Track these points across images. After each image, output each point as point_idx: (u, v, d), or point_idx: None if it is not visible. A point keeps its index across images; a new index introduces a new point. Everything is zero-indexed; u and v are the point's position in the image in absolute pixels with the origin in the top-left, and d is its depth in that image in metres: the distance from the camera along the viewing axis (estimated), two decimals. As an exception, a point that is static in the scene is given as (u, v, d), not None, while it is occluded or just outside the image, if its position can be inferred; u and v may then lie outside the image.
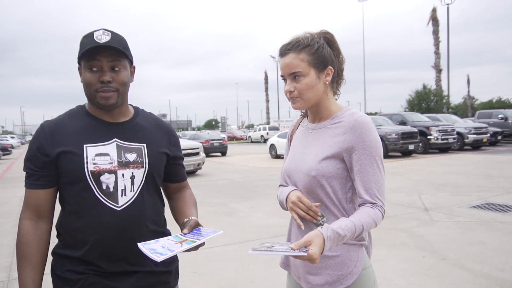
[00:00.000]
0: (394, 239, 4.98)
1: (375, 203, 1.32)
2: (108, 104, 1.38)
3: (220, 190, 9.45)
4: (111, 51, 1.35)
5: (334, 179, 1.37)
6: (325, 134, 1.43)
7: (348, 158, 1.36)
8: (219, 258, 4.45)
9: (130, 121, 1.48)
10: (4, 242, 5.43)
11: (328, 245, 1.20)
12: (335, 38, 1.45)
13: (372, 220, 1.29)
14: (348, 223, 1.26)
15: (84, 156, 1.35)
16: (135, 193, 1.39)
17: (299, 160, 1.47)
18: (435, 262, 4.13)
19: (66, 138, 1.37)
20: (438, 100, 28.83)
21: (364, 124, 1.35)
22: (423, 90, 29.48)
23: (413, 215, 6.20)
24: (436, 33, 31.61)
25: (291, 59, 1.37)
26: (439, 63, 31.43)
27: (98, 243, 1.35)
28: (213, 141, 21.38)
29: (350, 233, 1.25)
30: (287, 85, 1.41)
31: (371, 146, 1.33)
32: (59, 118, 1.44)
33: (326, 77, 1.41)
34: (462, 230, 5.23)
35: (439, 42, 31.52)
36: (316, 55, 1.38)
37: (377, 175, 1.34)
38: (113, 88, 1.37)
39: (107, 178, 1.36)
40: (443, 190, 8.17)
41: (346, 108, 1.46)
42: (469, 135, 17.12)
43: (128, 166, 1.39)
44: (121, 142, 1.41)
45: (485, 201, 6.90)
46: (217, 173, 13.27)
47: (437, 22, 31.58)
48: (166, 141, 1.55)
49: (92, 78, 1.35)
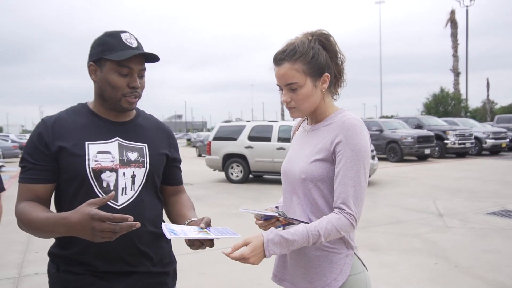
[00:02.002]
0: (406, 244, 4.89)
1: (343, 210, 1.28)
2: (131, 108, 1.41)
3: (232, 191, 9.44)
4: (141, 58, 1.38)
5: (323, 182, 1.34)
6: (317, 136, 1.41)
7: (335, 159, 1.33)
8: (227, 260, 4.38)
9: (132, 121, 1.49)
10: (17, 239, 5.51)
11: (274, 248, 1.21)
12: (332, 39, 1.40)
13: (333, 228, 1.25)
14: (300, 228, 1.25)
15: (85, 153, 1.34)
16: (135, 192, 1.39)
17: (294, 161, 1.45)
18: (447, 269, 4.03)
19: (67, 134, 1.36)
20: (456, 104, 28.31)
21: (352, 126, 1.31)
22: (441, 93, 29.01)
23: (426, 220, 6.08)
24: (455, 35, 31.04)
25: (286, 70, 1.34)
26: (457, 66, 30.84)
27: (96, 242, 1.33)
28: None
29: (301, 239, 1.23)
30: (284, 95, 1.39)
31: (355, 149, 1.29)
32: (61, 114, 1.43)
33: (323, 84, 1.38)
34: (477, 237, 5.10)
35: (457, 45, 30.93)
36: (312, 63, 1.34)
37: (355, 180, 1.28)
38: (138, 94, 1.40)
39: (108, 176, 1.35)
40: (458, 196, 8.00)
41: (341, 110, 1.42)
42: (487, 140, 16.76)
43: (129, 165, 1.39)
44: (122, 141, 1.41)
45: (502, 208, 6.73)
46: (229, 174, 13.25)
47: (455, 24, 31.02)
48: (166, 142, 1.55)
49: (121, 82, 1.35)
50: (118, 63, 1.33)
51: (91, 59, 1.39)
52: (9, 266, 4.40)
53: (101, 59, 1.35)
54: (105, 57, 1.34)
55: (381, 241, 5.06)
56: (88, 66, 1.40)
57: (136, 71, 1.37)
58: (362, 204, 1.30)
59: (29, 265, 4.41)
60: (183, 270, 4.14)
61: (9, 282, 3.97)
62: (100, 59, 1.36)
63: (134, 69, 1.36)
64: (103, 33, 1.40)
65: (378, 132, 15.95)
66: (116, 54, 1.33)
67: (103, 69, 1.36)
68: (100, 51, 1.35)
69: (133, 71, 1.36)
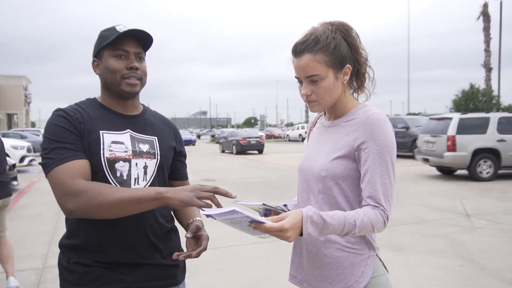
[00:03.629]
0: (430, 245, 4.74)
1: (377, 206, 1.22)
2: (133, 91, 1.40)
3: (253, 188, 9.43)
4: (136, 42, 1.40)
5: (345, 180, 1.28)
6: (338, 132, 1.35)
7: (358, 157, 1.27)
8: (246, 256, 4.42)
9: (141, 115, 1.51)
10: (43, 230, 5.67)
11: (311, 228, 1.11)
12: (352, 32, 1.33)
13: (369, 221, 1.19)
14: (337, 213, 1.18)
15: (101, 142, 1.35)
16: (147, 182, 1.40)
17: (312, 158, 1.40)
18: (474, 272, 3.88)
19: (83, 123, 1.36)
20: (487, 101, 27.32)
21: (377, 121, 1.24)
22: (470, 89, 28.07)
23: (453, 220, 5.88)
24: (487, 29, 29.91)
25: (307, 61, 1.27)
26: (490, 62, 29.74)
27: (109, 230, 1.34)
28: (250, 138, 21.44)
29: (337, 224, 1.15)
30: (304, 88, 1.32)
31: (382, 145, 1.23)
32: (72, 107, 1.42)
33: (344, 76, 1.32)
34: (506, 239, 4.89)
35: (490, 39, 29.80)
36: (334, 54, 1.27)
37: (385, 177, 1.23)
38: (138, 75, 1.40)
39: (122, 166, 1.36)
40: (488, 196, 7.72)
41: (362, 104, 1.36)
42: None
43: (141, 156, 1.40)
44: (134, 133, 1.43)
45: (535, 209, 6.44)
46: (251, 170, 13.27)
47: (488, 18, 29.89)
48: (173, 136, 1.59)
49: (118, 64, 1.37)
50: (113, 48, 1.37)
51: (93, 55, 1.44)
52: (35, 257, 4.53)
53: (100, 51, 1.40)
54: (101, 47, 1.38)
55: (404, 241, 4.93)
56: (92, 62, 1.45)
57: (132, 53, 1.39)
58: (392, 201, 1.25)
59: (53, 256, 4.52)
60: (202, 266, 4.18)
61: (33, 272, 4.08)
62: (99, 51, 1.41)
63: (129, 51, 1.38)
64: (100, 31, 1.46)
65: (404, 129, 15.57)
66: (110, 40, 1.36)
67: (102, 59, 1.40)
68: (98, 44, 1.41)
69: (129, 53, 1.38)
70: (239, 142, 21.15)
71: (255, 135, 22.41)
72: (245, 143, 21.10)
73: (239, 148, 21.12)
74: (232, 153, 21.68)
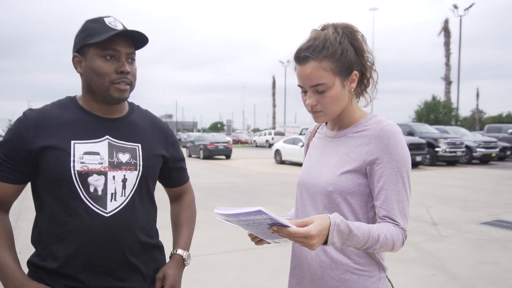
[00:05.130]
0: (402, 254, 4.77)
1: (398, 224, 1.13)
2: (122, 98, 1.25)
3: (221, 194, 9.28)
4: (128, 41, 1.23)
5: (354, 196, 1.18)
6: (346, 144, 1.24)
7: (370, 172, 1.17)
8: (219, 265, 4.28)
9: (125, 118, 1.33)
10: None
11: (336, 237, 1.00)
12: (358, 35, 1.23)
13: (391, 238, 1.09)
14: (362, 224, 1.07)
15: (71, 154, 1.19)
16: (126, 198, 1.24)
17: (315, 171, 1.28)
18: (446, 281, 3.92)
19: (51, 131, 1.20)
20: (447, 112, 28.53)
21: (392, 133, 1.15)
22: (433, 101, 29.22)
23: (421, 229, 5.98)
24: (448, 44, 31.39)
25: (313, 69, 1.16)
26: (449, 75, 31.18)
27: (81, 252, 1.19)
28: (218, 143, 21.23)
29: (362, 236, 1.04)
30: (309, 98, 1.21)
31: (398, 160, 1.14)
32: (45, 108, 1.27)
33: (351, 84, 1.22)
34: (473, 248, 5.01)
35: (450, 54, 31.29)
36: (341, 61, 1.17)
37: (401, 194, 1.14)
38: (129, 80, 1.24)
39: (96, 180, 1.20)
40: (451, 205, 7.95)
41: (371, 114, 1.26)
42: (478, 149, 16.84)
43: (120, 167, 1.24)
44: (113, 141, 1.26)
45: (496, 218, 6.68)
46: (219, 176, 13.10)
47: (449, 33, 31.38)
48: (163, 141, 1.41)
49: (107, 67, 1.20)
50: (102, 47, 1.19)
51: (75, 49, 1.25)
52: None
53: (84, 46, 1.22)
54: (87, 43, 1.20)
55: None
56: (72, 58, 1.25)
57: (123, 54, 1.22)
58: (408, 219, 1.16)
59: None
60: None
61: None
62: (83, 47, 1.22)
63: (120, 52, 1.21)
64: (85, 21, 1.26)
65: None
66: (99, 37, 1.18)
67: (87, 57, 1.22)
68: (82, 38, 1.22)
69: (120, 54, 1.22)
70: (207, 147, 20.89)
71: (223, 140, 22.21)
72: (213, 148, 20.88)
73: (207, 153, 20.86)
74: (199, 158, 21.37)
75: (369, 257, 1.20)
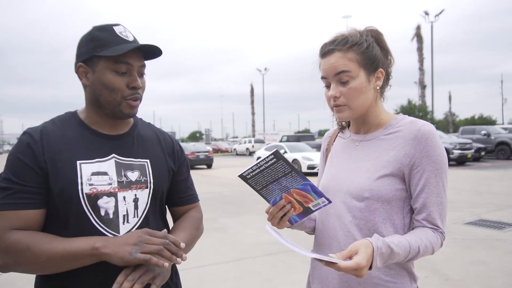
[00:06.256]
0: (393, 257, 4.81)
1: (437, 229, 1.12)
2: (132, 114, 1.20)
3: (208, 204, 9.16)
4: (140, 54, 1.18)
5: (391, 202, 1.15)
6: (378, 147, 1.20)
7: (409, 175, 1.14)
8: (212, 278, 4.19)
9: (130, 133, 1.26)
10: None
11: (379, 260, 1.00)
12: (382, 34, 1.23)
13: (431, 246, 1.09)
14: (402, 240, 1.05)
15: (78, 175, 1.11)
16: (139, 219, 1.17)
17: (343, 177, 1.23)
18: (439, 282, 3.96)
19: (56, 151, 1.12)
20: (423, 116, 29.23)
21: (430, 135, 1.12)
22: (408, 105, 29.90)
23: (408, 232, 6.06)
24: (420, 50, 32.30)
25: (338, 59, 1.15)
26: (423, 80, 32.03)
27: (95, 282, 1.10)
28: (199, 153, 21.09)
29: (403, 253, 1.04)
30: (332, 89, 1.17)
31: (438, 161, 1.12)
32: (46, 125, 1.18)
33: (377, 81, 1.20)
34: (461, 249, 5.09)
35: (423, 59, 32.20)
36: (367, 54, 1.16)
37: (442, 196, 1.13)
38: (140, 95, 1.19)
39: (106, 202, 1.13)
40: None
41: (401, 116, 1.23)
42: (454, 151, 17.27)
43: (130, 187, 1.17)
44: (120, 159, 1.19)
45: (478, 218, 6.83)
46: (203, 186, 12.97)
47: (421, 39, 32.29)
48: (171, 154, 1.34)
49: (120, 82, 1.15)
50: (114, 60, 1.13)
51: (80, 59, 1.17)
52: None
53: (93, 57, 1.15)
54: (98, 55, 1.13)
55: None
56: (77, 68, 1.17)
57: (136, 68, 1.17)
58: (446, 221, 1.16)
59: None
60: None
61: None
62: (91, 58, 1.15)
63: (133, 66, 1.16)
64: (92, 28, 1.19)
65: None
66: (112, 49, 1.12)
67: (96, 69, 1.15)
68: (91, 48, 1.14)
69: (132, 68, 1.16)
70: (188, 157, 20.68)
71: (204, 149, 22.07)
72: (194, 158, 20.71)
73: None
74: (180, 168, 21.12)
75: (401, 268, 1.17)
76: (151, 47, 1.18)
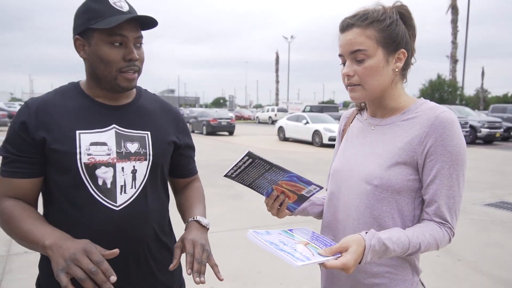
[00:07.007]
0: (407, 234, 4.80)
1: (445, 224, 1.07)
2: (130, 87, 1.18)
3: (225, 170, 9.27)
4: (136, 24, 1.15)
5: (401, 192, 1.09)
6: (393, 133, 1.13)
7: (422, 164, 1.08)
8: (225, 244, 4.31)
9: (132, 104, 1.26)
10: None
11: (370, 256, 0.98)
12: (412, 14, 1.15)
13: (434, 242, 1.05)
14: (401, 236, 1.02)
15: (76, 145, 1.13)
16: (136, 190, 1.18)
17: (355, 162, 1.19)
18: (451, 263, 3.95)
19: (55, 121, 1.14)
20: (452, 91, 28.25)
21: (448, 122, 1.05)
22: (438, 80, 28.88)
23: (425, 210, 6.01)
24: (455, 22, 30.76)
25: (355, 35, 1.09)
26: (456, 53, 30.72)
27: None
28: (221, 119, 21.16)
29: (400, 250, 1.01)
30: (346, 67, 1.12)
31: (454, 152, 1.05)
32: (48, 96, 1.20)
33: (397, 63, 1.12)
34: (477, 230, 5.03)
35: (457, 32, 30.71)
36: (388, 32, 1.08)
37: (454, 189, 1.06)
38: (137, 67, 1.18)
39: (104, 172, 1.14)
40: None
41: (422, 100, 1.16)
42: (482, 129, 16.75)
43: (128, 158, 1.18)
44: (120, 129, 1.19)
45: (500, 199, 6.69)
46: (224, 152, 13.11)
47: (456, 10, 30.70)
48: (174, 127, 1.33)
49: (115, 55, 1.13)
50: (108, 32, 1.11)
51: (76, 31, 1.15)
52: (-2, 242, 4.23)
53: (87, 30, 1.13)
54: (92, 27, 1.11)
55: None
56: (74, 41, 1.16)
57: (131, 39, 1.14)
58: (459, 215, 1.11)
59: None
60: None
61: (-2, 260, 3.80)
62: (86, 30, 1.13)
63: (128, 38, 1.13)
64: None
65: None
66: (105, 21, 1.10)
67: (91, 41, 1.13)
68: (85, 21, 1.12)
69: (128, 40, 1.13)
70: (210, 123, 20.84)
71: (226, 116, 22.13)
72: (216, 124, 20.82)
73: (210, 129, 20.83)
74: (202, 134, 21.36)
75: (403, 259, 1.14)
76: (146, 19, 1.16)
